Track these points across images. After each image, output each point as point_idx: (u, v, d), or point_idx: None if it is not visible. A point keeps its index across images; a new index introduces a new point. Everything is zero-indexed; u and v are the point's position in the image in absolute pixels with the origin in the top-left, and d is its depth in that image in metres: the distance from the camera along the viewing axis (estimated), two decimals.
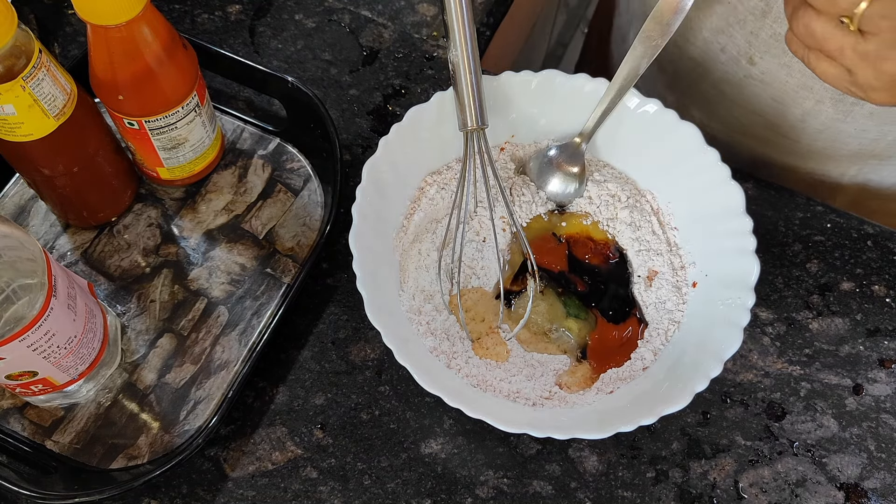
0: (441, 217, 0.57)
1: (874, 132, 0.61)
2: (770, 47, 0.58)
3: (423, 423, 0.55)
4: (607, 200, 0.58)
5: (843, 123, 0.60)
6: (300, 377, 0.56)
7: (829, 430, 0.55)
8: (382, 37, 0.68)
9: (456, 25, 0.52)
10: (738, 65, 0.61)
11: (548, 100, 0.58)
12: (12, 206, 0.59)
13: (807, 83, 0.59)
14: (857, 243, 0.61)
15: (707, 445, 0.55)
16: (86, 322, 0.49)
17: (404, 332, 0.52)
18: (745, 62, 0.60)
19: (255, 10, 0.69)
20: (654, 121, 0.56)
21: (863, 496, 0.54)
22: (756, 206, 0.62)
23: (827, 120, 0.61)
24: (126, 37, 0.48)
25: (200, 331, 0.56)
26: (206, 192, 0.61)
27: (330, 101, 0.65)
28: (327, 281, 0.59)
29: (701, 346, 0.51)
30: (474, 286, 0.56)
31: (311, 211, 0.60)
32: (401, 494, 0.53)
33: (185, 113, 0.54)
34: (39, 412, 0.53)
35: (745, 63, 0.60)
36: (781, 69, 0.59)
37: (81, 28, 0.67)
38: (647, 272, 0.56)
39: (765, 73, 0.60)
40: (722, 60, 0.62)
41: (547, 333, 0.55)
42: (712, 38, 0.62)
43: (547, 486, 0.53)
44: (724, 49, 0.61)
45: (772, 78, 0.60)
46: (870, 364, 0.57)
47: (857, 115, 0.59)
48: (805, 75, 0.58)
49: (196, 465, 0.53)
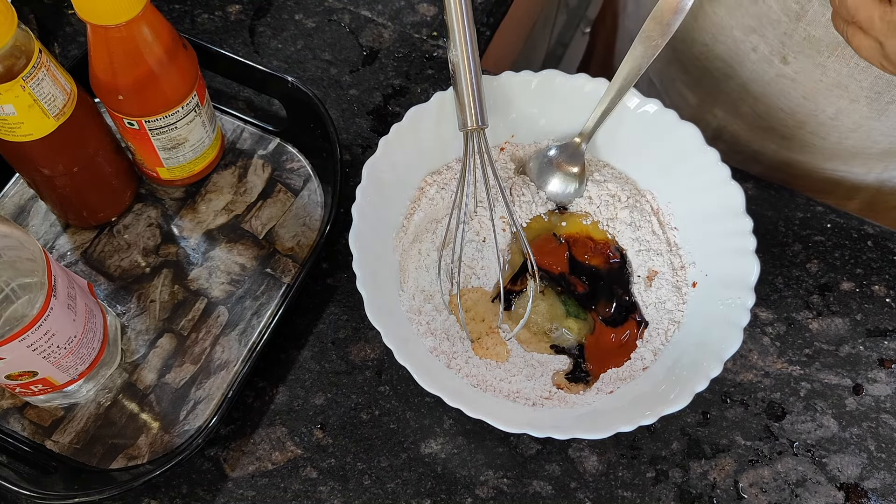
0: (441, 217, 0.57)
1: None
2: (804, 48, 0.58)
3: (423, 423, 0.55)
4: (607, 200, 0.58)
5: (877, 122, 0.60)
6: (300, 377, 0.56)
7: (829, 430, 0.55)
8: (382, 37, 0.68)
9: (456, 25, 0.52)
10: (771, 64, 0.61)
11: (548, 100, 0.58)
12: (12, 206, 0.59)
13: (842, 82, 0.58)
14: (857, 243, 0.61)
15: (707, 445, 0.55)
16: (86, 322, 0.49)
17: (404, 332, 0.52)
18: (777, 61, 0.60)
19: (255, 10, 0.69)
20: (654, 121, 0.56)
21: (863, 496, 0.54)
22: (756, 206, 0.62)
23: (860, 119, 0.60)
24: (126, 37, 0.48)
25: (200, 331, 0.56)
26: (206, 192, 0.61)
27: (330, 101, 0.65)
28: (327, 281, 0.59)
29: (701, 346, 0.51)
30: (474, 286, 0.56)
31: (311, 211, 0.60)
32: (401, 494, 0.53)
33: (185, 113, 0.54)
34: (39, 412, 0.53)
35: (777, 62, 0.60)
36: (816, 69, 0.58)
37: (81, 28, 0.67)
38: (647, 272, 0.56)
39: (798, 72, 0.59)
40: (752, 59, 0.62)
41: (547, 333, 0.55)
42: (743, 38, 0.61)
43: (547, 486, 0.53)
44: (756, 48, 0.61)
45: (805, 77, 0.60)
46: (870, 364, 0.57)
47: (892, 113, 0.59)
48: (840, 74, 0.58)
49: (196, 465, 0.53)
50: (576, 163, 0.58)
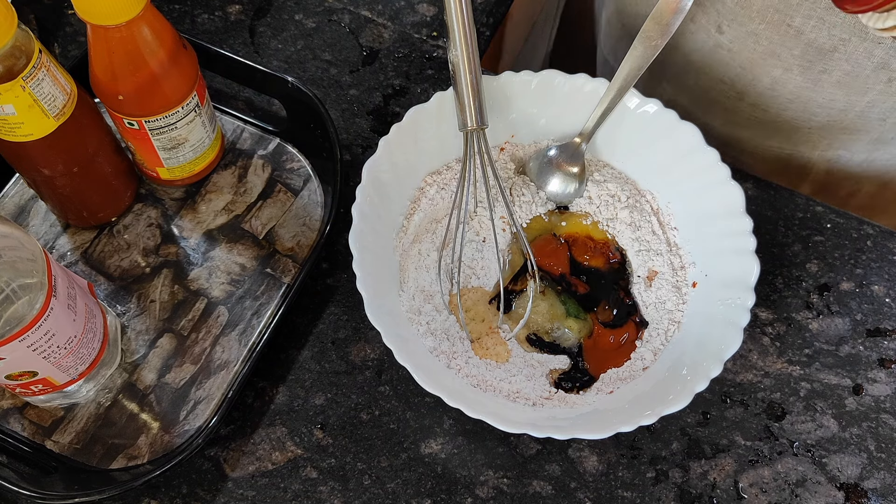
0: (441, 217, 0.57)
1: (842, 102, 0.61)
2: (737, 15, 0.58)
3: (423, 423, 0.55)
4: (607, 200, 0.58)
5: (812, 92, 0.61)
6: (300, 377, 0.56)
7: (829, 430, 0.55)
8: (382, 37, 0.68)
9: (456, 25, 0.52)
10: (709, 34, 0.61)
11: (548, 100, 0.58)
12: (12, 206, 0.59)
13: (774, 50, 0.59)
14: (857, 243, 0.61)
15: (707, 445, 0.55)
16: (86, 322, 0.49)
17: (404, 333, 0.52)
18: (714, 31, 0.60)
19: (255, 10, 0.69)
20: (654, 121, 0.56)
21: (863, 496, 0.54)
22: (756, 206, 0.62)
23: (795, 89, 0.61)
24: (126, 37, 0.48)
25: (200, 331, 0.56)
26: (206, 192, 0.61)
27: (330, 101, 0.65)
28: (327, 281, 0.59)
29: (701, 346, 0.51)
30: (474, 286, 0.56)
31: (311, 211, 0.60)
32: (401, 494, 0.53)
33: (185, 113, 0.54)
34: (39, 412, 0.53)
35: (714, 32, 0.60)
36: (749, 37, 0.59)
37: (81, 28, 0.67)
38: (646, 272, 0.56)
39: (733, 41, 0.60)
40: (692, 30, 0.63)
41: (548, 333, 0.55)
42: None
43: (547, 487, 0.53)
44: (694, 18, 0.61)
45: (740, 46, 0.60)
46: (870, 364, 0.57)
47: (826, 83, 0.59)
48: (773, 42, 0.58)
49: (196, 465, 0.53)
50: (576, 163, 0.58)
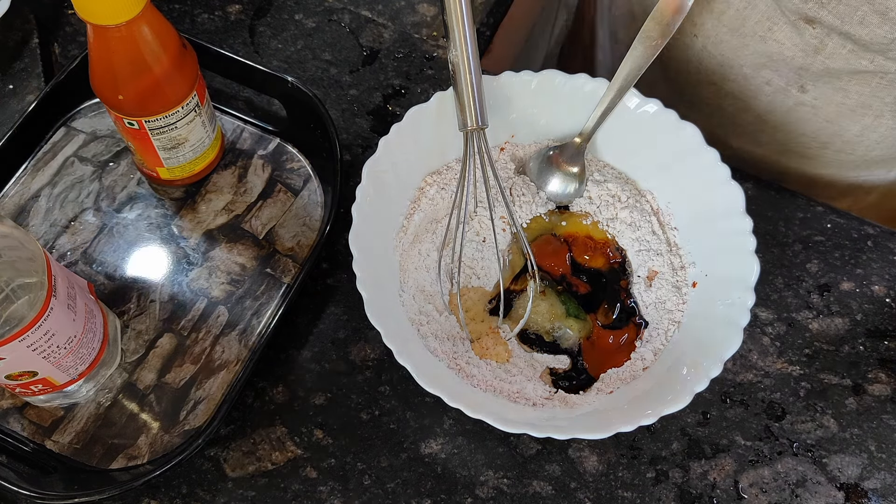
0: (441, 217, 0.57)
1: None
2: (822, 77, 0.56)
3: (423, 423, 0.55)
4: (607, 200, 0.58)
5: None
6: (300, 377, 0.56)
7: (829, 430, 0.55)
8: (382, 37, 0.68)
9: (456, 25, 0.52)
10: (787, 94, 0.59)
11: (548, 100, 0.58)
12: (12, 206, 0.59)
13: (865, 102, 0.57)
14: (857, 243, 0.61)
15: (707, 445, 0.55)
16: (86, 322, 0.49)
17: (404, 332, 0.52)
18: (795, 91, 0.58)
19: (255, 10, 0.69)
20: (654, 121, 0.56)
21: (863, 496, 0.54)
22: (756, 206, 0.61)
23: (886, 131, 0.60)
24: (126, 37, 0.48)
25: (200, 331, 0.56)
26: (206, 192, 0.61)
27: (330, 101, 0.65)
28: (327, 281, 0.59)
29: (701, 346, 0.51)
30: (474, 286, 0.56)
31: (311, 211, 0.60)
32: (401, 494, 0.53)
33: (185, 113, 0.54)
34: (39, 412, 0.53)
35: (795, 92, 0.58)
36: (837, 93, 0.57)
37: (81, 28, 0.67)
38: (646, 272, 0.56)
39: (818, 98, 0.58)
40: (767, 93, 0.60)
41: (548, 333, 0.55)
42: (754, 74, 0.60)
43: (547, 487, 0.53)
44: (770, 82, 0.59)
45: (826, 102, 0.58)
46: (870, 364, 0.57)
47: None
48: (863, 95, 0.56)
49: (196, 465, 0.53)
50: (576, 163, 0.58)
